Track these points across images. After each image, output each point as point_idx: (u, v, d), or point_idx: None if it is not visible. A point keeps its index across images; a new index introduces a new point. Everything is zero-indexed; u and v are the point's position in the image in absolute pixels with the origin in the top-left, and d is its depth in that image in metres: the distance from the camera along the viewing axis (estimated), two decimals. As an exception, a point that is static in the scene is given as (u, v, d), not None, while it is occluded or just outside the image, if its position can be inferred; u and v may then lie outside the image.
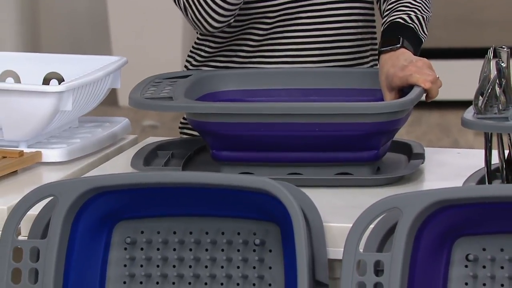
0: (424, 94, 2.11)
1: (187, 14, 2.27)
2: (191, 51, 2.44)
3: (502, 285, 1.84)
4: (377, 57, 2.29)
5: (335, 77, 2.28)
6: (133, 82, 2.27)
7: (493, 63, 1.96)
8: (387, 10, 2.27)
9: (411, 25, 2.22)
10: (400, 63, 2.15)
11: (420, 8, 2.25)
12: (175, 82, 2.23)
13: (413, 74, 2.11)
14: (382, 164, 2.16)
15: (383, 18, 2.29)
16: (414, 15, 2.24)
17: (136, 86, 2.19)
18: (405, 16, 2.23)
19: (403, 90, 2.13)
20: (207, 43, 2.40)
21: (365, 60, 2.39)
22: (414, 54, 2.18)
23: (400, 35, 2.19)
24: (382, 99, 2.17)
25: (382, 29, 2.26)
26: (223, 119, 2.08)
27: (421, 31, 2.24)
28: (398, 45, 2.17)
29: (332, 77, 2.28)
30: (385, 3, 2.30)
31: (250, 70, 2.33)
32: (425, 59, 2.15)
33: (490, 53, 1.97)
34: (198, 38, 2.44)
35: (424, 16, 2.25)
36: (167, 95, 2.15)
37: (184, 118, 2.40)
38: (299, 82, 2.26)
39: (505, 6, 5.42)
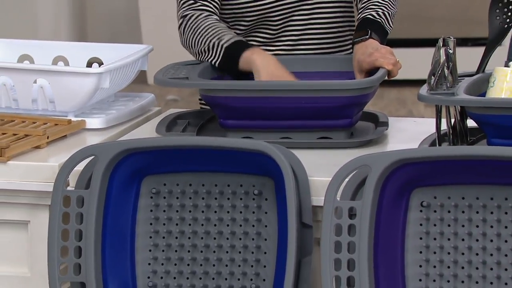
0: (387, 74, 2.12)
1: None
2: None
3: (449, 225, 1.83)
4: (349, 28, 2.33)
5: (320, 63, 2.28)
6: (159, 65, 2.27)
7: (442, 50, 1.96)
8: (360, 9, 2.27)
9: (378, 20, 2.22)
10: (368, 50, 2.14)
11: (387, 6, 2.25)
12: (191, 66, 2.22)
13: (378, 59, 2.11)
14: (355, 130, 2.16)
15: (357, 16, 2.28)
16: (382, 12, 2.23)
17: (160, 70, 2.20)
18: (373, 13, 2.23)
19: (370, 72, 2.13)
20: None
21: (346, 47, 2.38)
22: (381, 43, 2.18)
23: (369, 28, 2.19)
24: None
25: (356, 24, 2.25)
26: (228, 93, 2.07)
27: (387, 24, 2.23)
28: (366, 36, 2.17)
29: (318, 63, 2.28)
30: (360, 2, 2.29)
31: None
32: (387, 47, 2.15)
33: (440, 42, 1.97)
34: None
35: (390, 12, 2.25)
36: (184, 76, 2.14)
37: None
38: (294, 67, 2.25)
39: (450, 5, 5.44)
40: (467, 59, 2.71)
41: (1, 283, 2.01)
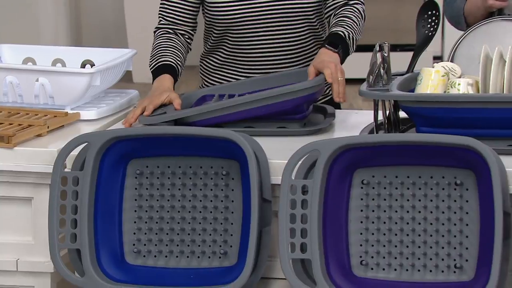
0: (333, 94, 2.05)
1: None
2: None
3: (385, 199, 1.82)
4: (317, 47, 2.26)
5: (281, 78, 2.20)
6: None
7: (379, 54, 1.95)
8: (334, 23, 2.17)
9: (348, 42, 2.14)
10: (328, 59, 2.08)
11: (357, 31, 2.17)
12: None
13: (329, 71, 2.03)
14: (307, 121, 2.13)
15: (331, 21, 2.20)
16: (352, 36, 2.15)
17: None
18: (346, 33, 2.14)
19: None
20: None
21: (311, 55, 2.30)
22: (341, 60, 2.11)
23: (340, 44, 2.12)
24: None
25: (329, 31, 2.17)
26: (202, 116, 2.01)
27: (351, 48, 2.16)
28: (336, 50, 2.11)
29: (278, 79, 2.20)
30: (334, 17, 2.20)
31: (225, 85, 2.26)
32: (342, 68, 2.08)
33: (377, 47, 1.96)
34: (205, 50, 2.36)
35: (356, 38, 2.17)
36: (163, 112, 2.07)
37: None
38: (258, 86, 2.19)
39: (382, 16, 5.45)
40: (398, 62, 2.70)
41: (9, 249, 1.99)
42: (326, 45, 2.10)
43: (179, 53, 2.21)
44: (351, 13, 2.19)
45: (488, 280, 1.67)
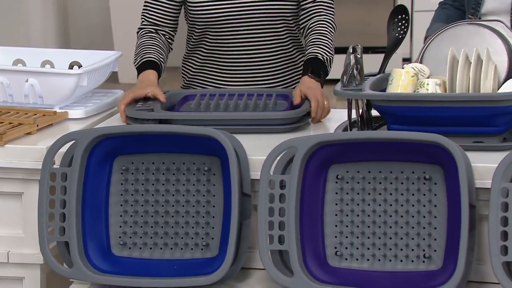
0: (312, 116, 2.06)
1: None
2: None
3: (358, 193, 1.82)
4: (297, 49, 2.25)
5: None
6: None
7: (352, 56, 1.94)
8: (310, 42, 2.16)
9: (326, 65, 2.14)
10: (314, 86, 2.07)
11: (332, 50, 2.17)
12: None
13: (314, 98, 2.04)
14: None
15: (306, 33, 2.19)
16: (329, 58, 2.15)
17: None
18: (325, 56, 2.14)
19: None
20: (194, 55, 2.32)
21: (290, 56, 2.28)
22: (322, 84, 2.11)
23: (321, 71, 2.11)
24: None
25: (308, 52, 2.15)
26: (187, 123, 1.99)
27: (329, 69, 2.16)
28: (319, 79, 2.10)
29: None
30: (309, 35, 2.18)
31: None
32: (326, 97, 2.07)
33: (350, 49, 1.95)
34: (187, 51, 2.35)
35: (332, 58, 2.17)
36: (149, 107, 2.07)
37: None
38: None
39: (354, 21, 5.46)
40: (370, 63, 2.70)
41: (1, 242, 1.98)
42: (309, 74, 2.10)
43: (161, 51, 2.22)
44: (326, 29, 2.19)
45: (455, 269, 1.67)
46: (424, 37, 2.32)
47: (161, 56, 2.21)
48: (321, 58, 2.14)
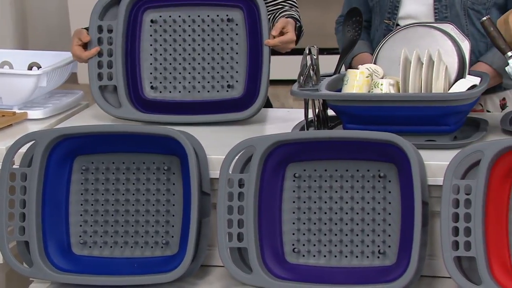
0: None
1: None
2: None
3: (315, 191, 1.83)
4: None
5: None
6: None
7: (308, 56, 1.95)
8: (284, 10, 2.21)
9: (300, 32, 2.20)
10: (286, 25, 2.11)
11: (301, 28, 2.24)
12: None
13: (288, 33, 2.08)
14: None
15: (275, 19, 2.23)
16: (302, 28, 2.22)
17: None
18: (298, 23, 2.21)
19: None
20: None
21: None
22: (297, 38, 2.15)
23: (300, 25, 2.19)
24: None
25: (287, 15, 2.20)
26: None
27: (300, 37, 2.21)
28: (298, 24, 2.16)
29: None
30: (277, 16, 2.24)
31: None
32: (294, 36, 2.12)
33: (307, 50, 1.96)
34: None
35: (301, 34, 2.24)
36: None
37: None
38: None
39: (309, 22, 5.45)
40: (325, 64, 2.71)
41: (-41, 243, 1.92)
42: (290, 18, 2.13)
43: None
44: (293, 16, 2.21)
45: (409, 264, 1.69)
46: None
47: None
48: (299, 22, 2.18)
